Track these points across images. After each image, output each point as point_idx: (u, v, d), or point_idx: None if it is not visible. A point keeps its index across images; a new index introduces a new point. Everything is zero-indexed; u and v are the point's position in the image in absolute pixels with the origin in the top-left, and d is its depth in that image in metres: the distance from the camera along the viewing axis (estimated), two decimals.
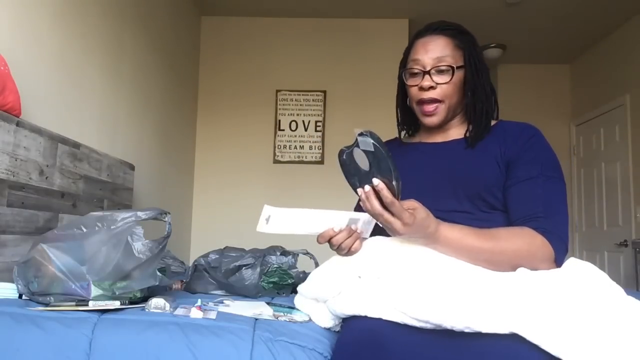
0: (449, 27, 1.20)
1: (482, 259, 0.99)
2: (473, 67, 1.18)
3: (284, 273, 1.63)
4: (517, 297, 0.84)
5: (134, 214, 1.26)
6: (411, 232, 0.93)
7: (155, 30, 3.15)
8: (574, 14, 3.88)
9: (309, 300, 1.19)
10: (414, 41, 1.23)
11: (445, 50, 1.16)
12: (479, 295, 0.87)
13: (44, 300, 1.20)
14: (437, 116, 1.19)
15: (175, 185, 3.62)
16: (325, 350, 1.02)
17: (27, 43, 1.82)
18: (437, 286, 0.91)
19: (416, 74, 1.18)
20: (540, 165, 1.10)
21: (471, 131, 1.20)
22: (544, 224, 1.02)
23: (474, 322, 0.83)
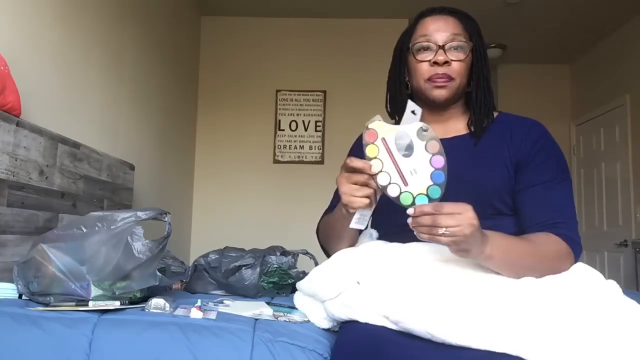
0: (456, 11, 1.17)
1: (523, 265, 0.94)
2: (479, 54, 1.14)
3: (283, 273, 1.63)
4: (516, 316, 0.82)
5: (134, 214, 1.26)
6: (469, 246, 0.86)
7: (155, 30, 3.15)
8: (574, 14, 3.88)
9: (307, 298, 1.18)
10: (418, 20, 1.17)
11: (458, 29, 1.12)
12: (475, 311, 0.84)
13: (44, 300, 1.20)
14: (448, 90, 1.12)
15: (175, 185, 3.62)
16: (325, 351, 1.02)
17: (27, 43, 1.82)
18: (432, 299, 0.88)
19: (427, 49, 1.12)
20: (552, 168, 1.08)
21: (474, 121, 1.15)
22: (564, 231, 1.01)
23: (467, 340, 0.80)
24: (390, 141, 0.93)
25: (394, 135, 0.93)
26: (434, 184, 0.90)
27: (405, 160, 0.92)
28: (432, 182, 0.90)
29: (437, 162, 0.91)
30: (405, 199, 0.91)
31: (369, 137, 0.93)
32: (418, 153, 0.92)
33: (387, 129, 0.93)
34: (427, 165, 0.91)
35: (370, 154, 0.93)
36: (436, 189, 0.90)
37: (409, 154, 0.92)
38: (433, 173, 0.90)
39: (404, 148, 0.92)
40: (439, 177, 0.90)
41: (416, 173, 0.91)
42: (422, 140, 0.92)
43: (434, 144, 0.92)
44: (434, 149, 0.92)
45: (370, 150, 0.93)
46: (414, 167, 0.91)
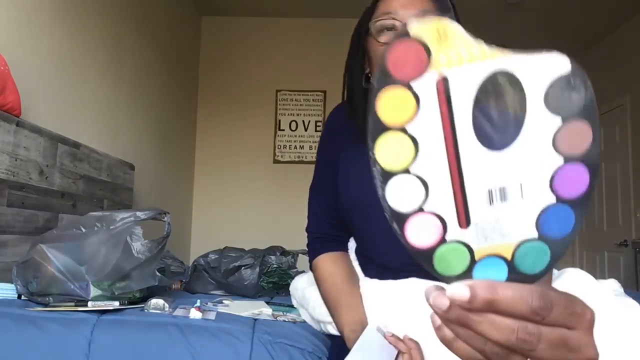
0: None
1: None
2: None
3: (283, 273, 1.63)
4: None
5: (133, 214, 1.26)
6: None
7: (155, 30, 3.15)
8: (574, 14, 3.88)
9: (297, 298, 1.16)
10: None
11: (428, 4, 0.89)
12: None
13: (43, 300, 1.20)
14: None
15: (175, 185, 3.62)
16: (323, 354, 1.02)
17: (27, 43, 1.81)
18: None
19: (391, 28, 0.88)
20: None
21: None
22: None
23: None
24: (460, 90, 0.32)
25: (478, 75, 0.32)
26: (541, 238, 0.32)
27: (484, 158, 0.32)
28: (538, 233, 0.32)
29: (570, 181, 0.32)
30: (447, 258, 0.33)
31: (401, 59, 0.31)
32: (528, 146, 0.32)
33: (460, 53, 0.32)
34: (542, 185, 0.32)
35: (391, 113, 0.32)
36: (540, 252, 0.33)
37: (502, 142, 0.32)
38: (551, 210, 0.32)
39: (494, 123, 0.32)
40: (560, 223, 0.32)
41: (503, 198, 0.32)
42: (556, 110, 0.31)
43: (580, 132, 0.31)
44: (577, 143, 0.31)
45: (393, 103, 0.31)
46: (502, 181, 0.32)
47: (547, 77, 0.31)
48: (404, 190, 0.32)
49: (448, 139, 0.32)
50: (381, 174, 0.32)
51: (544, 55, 0.32)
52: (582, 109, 0.32)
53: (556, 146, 0.32)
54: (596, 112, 0.32)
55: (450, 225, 0.33)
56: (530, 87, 0.31)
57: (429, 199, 0.32)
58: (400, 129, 0.32)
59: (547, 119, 0.31)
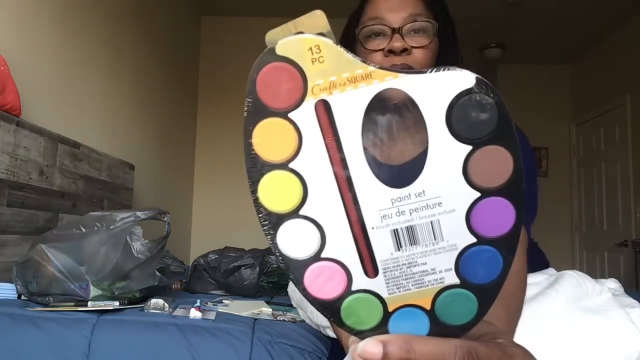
0: None
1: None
2: (448, 37, 0.89)
3: (283, 273, 1.63)
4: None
5: (133, 214, 1.26)
6: None
7: (155, 30, 3.15)
8: (574, 14, 3.88)
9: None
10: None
11: (418, 8, 0.84)
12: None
13: (43, 300, 1.20)
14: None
15: (175, 185, 3.62)
16: (323, 354, 1.02)
17: (27, 43, 1.81)
18: None
19: (379, 34, 0.84)
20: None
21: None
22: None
23: None
24: (345, 118, 0.26)
25: (362, 100, 0.26)
26: (464, 285, 0.28)
27: (384, 194, 0.27)
28: (458, 279, 0.28)
29: (489, 218, 0.27)
30: (355, 311, 0.29)
31: (273, 86, 0.26)
32: (434, 178, 0.27)
33: (341, 75, 0.26)
34: (457, 223, 0.27)
35: (270, 149, 0.27)
36: (465, 300, 0.28)
37: (404, 177, 0.27)
38: (471, 252, 0.28)
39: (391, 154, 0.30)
40: (484, 267, 0.28)
41: (412, 241, 0.28)
42: (462, 135, 0.26)
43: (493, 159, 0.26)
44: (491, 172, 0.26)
45: (272, 137, 0.27)
46: (409, 219, 0.27)
47: (447, 97, 0.26)
48: (297, 235, 0.28)
49: (339, 175, 0.27)
50: (268, 218, 0.28)
51: (443, 73, 0.26)
52: (494, 131, 0.26)
53: (469, 178, 0.26)
54: (513, 132, 0.25)
55: (354, 273, 0.28)
56: (429, 110, 0.26)
57: (327, 244, 0.28)
58: (283, 167, 0.27)
59: (454, 147, 0.26)
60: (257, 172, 0.27)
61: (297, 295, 1.10)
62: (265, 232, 0.28)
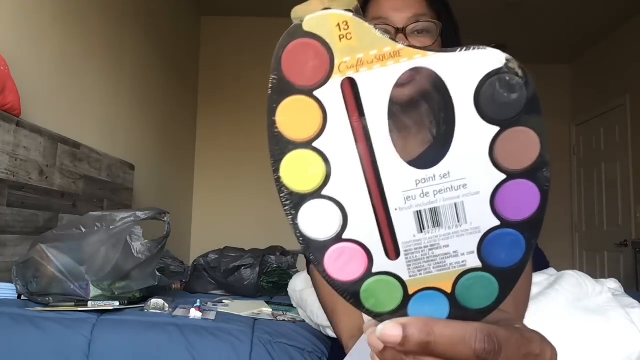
0: None
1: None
2: (451, 37, 0.89)
3: (283, 273, 1.63)
4: None
5: (133, 214, 1.26)
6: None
7: (155, 30, 3.15)
8: (574, 14, 3.88)
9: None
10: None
11: (421, 8, 0.84)
12: None
13: (43, 300, 1.20)
14: (413, 87, 0.74)
15: (175, 185, 3.62)
16: (323, 354, 1.02)
17: (27, 43, 1.82)
18: None
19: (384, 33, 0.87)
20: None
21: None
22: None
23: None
24: (372, 96, 0.26)
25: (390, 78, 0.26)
26: (485, 268, 0.28)
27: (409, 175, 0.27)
28: (477, 262, 0.27)
29: (513, 200, 0.26)
30: (375, 293, 0.28)
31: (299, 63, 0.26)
32: (459, 160, 0.26)
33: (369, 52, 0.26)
34: (481, 206, 0.27)
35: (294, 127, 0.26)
36: (486, 283, 0.28)
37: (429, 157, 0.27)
38: (494, 235, 0.27)
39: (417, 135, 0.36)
40: (507, 249, 0.27)
41: (435, 223, 0.27)
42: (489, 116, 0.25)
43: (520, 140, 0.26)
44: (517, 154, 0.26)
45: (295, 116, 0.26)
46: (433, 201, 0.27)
47: (476, 77, 0.25)
48: (318, 216, 0.27)
49: (364, 155, 0.26)
50: (289, 198, 0.27)
51: (472, 52, 0.25)
52: (523, 112, 0.25)
53: (495, 160, 0.26)
54: (541, 113, 0.25)
55: (376, 255, 0.28)
56: (457, 89, 0.25)
57: (349, 225, 0.27)
58: (306, 146, 0.26)
59: (482, 128, 0.26)
60: (279, 151, 0.26)
61: (297, 295, 1.10)
62: (286, 212, 0.27)
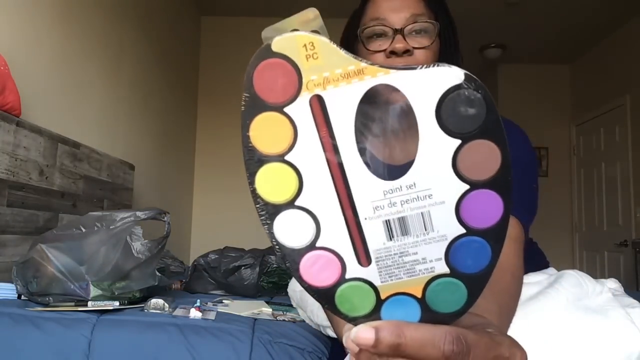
0: None
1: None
2: (448, 37, 0.89)
3: (283, 273, 1.63)
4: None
5: (133, 214, 1.26)
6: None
7: (155, 30, 3.15)
8: (574, 14, 3.88)
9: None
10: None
11: (419, 8, 0.84)
12: None
13: (43, 300, 1.20)
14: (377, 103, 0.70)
15: (175, 185, 3.62)
16: (323, 354, 1.02)
17: (27, 43, 1.82)
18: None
19: (381, 35, 0.83)
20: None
21: None
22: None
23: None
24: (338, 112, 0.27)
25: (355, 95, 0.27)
26: (453, 274, 0.29)
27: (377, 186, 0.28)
28: (445, 268, 0.29)
29: (478, 210, 0.28)
30: (349, 299, 0.30)
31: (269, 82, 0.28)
32: (424, 171, 0.28)
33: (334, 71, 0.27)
34: (447, 214, 0.28)
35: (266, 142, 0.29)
36: (455, 289, 0.29)
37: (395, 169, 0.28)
38: (460, 242, 0.28)
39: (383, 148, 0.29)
40: (473, 256, 0.29)
41: (404, 231, 0.28)
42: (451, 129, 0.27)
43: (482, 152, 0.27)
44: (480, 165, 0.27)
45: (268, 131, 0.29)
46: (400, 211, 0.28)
47: (437, 93, 0.26)
48: (292, 225, 0.29)
49: (333, 167, 0.28)
50: (264, 209, 0.29)
51: (432, 69, 0.27)
52: (482, 125, 0.26)
53: (458, 171, 0.27)
54: (500, 126, 0.26)
55: (348, 262, 0.29)
56: (419, 105, 0.27)
57: (322, 233, 0.29)
58: (279, 159, 0.28)
59: (444, 141, 0.27)
60: (254, 164, 0.29)
61: (297, 295, 1.10)
62: (262, 222, 0.29)
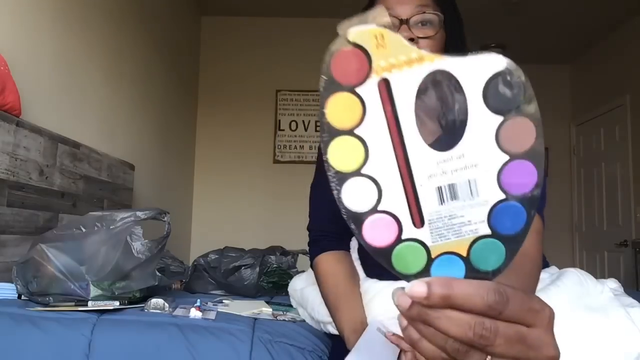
0: None
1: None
2: (454, 27, 0.94)
3: (283, 273, 1.63)
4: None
5: (133, 214, 1.26)
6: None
7: (155, 30, 3.15)
8: (574, 14, 3.88)
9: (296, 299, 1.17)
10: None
11: (425, 0, 0.89)
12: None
13: (43, 300, 1.20)
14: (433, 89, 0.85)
15: (175, 185, 3.62)
16: (323, 353, 1.02)
17: (27, 43, 1.81)
18: None
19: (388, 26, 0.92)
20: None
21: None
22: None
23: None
24: (402, 92, 0.33)
25: (416, 78, 0.32)
26: (492, 235, 0.34)
27: (432, 157, 0.33)
28: (487, 230, 0.34)
29: (517, 178, 0.33)
30: (404, 257, 0.34)
31: (344, 66, 0.33)
32: (471, 144, 0.33)
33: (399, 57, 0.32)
34: (489, 182, 0.33)
35: (339, 118, 0.33)
36: (495, 248, 0.34)
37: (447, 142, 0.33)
38: (501, 207, 0.34)
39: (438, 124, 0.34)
40: (511, 219, 0.34)
41: (453, 197, 0.34)
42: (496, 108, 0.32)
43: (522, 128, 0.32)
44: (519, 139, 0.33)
45: (340, 108, 0.33)
46: (450, 179, 0.34)
47: (484, 76, 0.32)
48: (358, 191, 0.33)
49: (395, 140, 0.33)
50: (335, 176, 0.33)
51: (480, 56, 0.32)
52: (521, 105, 0.32)
53: (500, 144, 0.32)
54: (536, 107, 0.32)
55: (405, 224, 0.34)
56: (469, 87, 0.32)
57: (383, 199, 0.33)
58: (349, 133, 0.33)
59: (489, 117, 0.32)
60: (327, 137, 0.33)
61: (298, 294, 1.10)
62: (332, 189, 0.33)
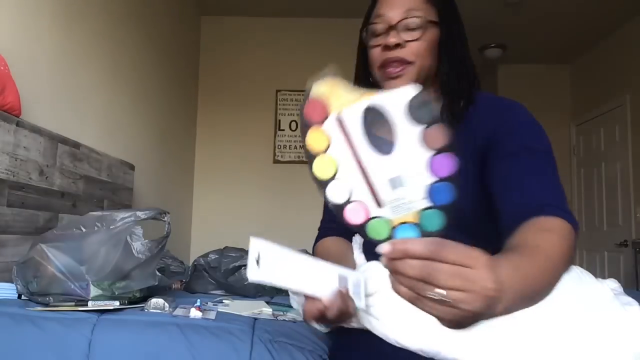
0: None
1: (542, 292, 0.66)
2: (450, 28, 0.96)
3: None
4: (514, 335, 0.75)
5: (133, 214, 1.27)
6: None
7: (155, 30, 3.15)
8: (574, 14, 3.88)
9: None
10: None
11: (415, 3, 0.93)
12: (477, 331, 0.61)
13: (43, 300, 1.20)
14: (405, 79, 0.91)
15: (175, 185, 3.62)
16: (324, 352, 1.02)
17: (27, 43, 1.81)
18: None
19: (379, 33, 0.94)
20: (521, 137, 0.90)
21: (447, 107, 0.92)
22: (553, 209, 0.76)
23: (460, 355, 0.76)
24: (351, 122, 0.53)
25: (358, 111, 0.53)
26: (432, 207, 0.51)
27: (380, 161, 0.52)
28: (428, 203, 0.51)
29: (440, 166, 0.51)
30: (375, 229, 0.52)
31: (311, 112, 0.53)
32: (405, 148, 0.52)
33: (346, 99, 0.53)
34: (422, 171, 0.51)
35: (315, 145, 0.53)
36: (435, 215, 0.51)
37: (388, 149, 0.52)
38: (433, 187, 0.51)
39: (379, 138, 0.53)
40: (442, 194, 0.50)
41: (400, 185, 0.52)
42: (416, 121, 0.51)
43: (436, 132, 0.51)
44: (436, 140, 0.51)
45: (315, 139, 0.53)
46: (396, 173, 0.52)
47: (406, 100, 0.51)
48: (336, 190, 0.53)
49: (354, 153, 0.53)
50: (319, 183, 0.53)
51: (400, 90, 0.51)
52: (434, 117, 0.51)
53: (425, 144, 0.51)
54: (444, 115, 0.58)
55: (371, 207, 0.52)
56: (396, 110, 0.51)
57: (353, 193, 0.53)
58: (324, 153, 0.53)
59: (413, 128, 0.51)
60: (311, 157, 0.53)
61: None
62: (320, 192, 0.53)
